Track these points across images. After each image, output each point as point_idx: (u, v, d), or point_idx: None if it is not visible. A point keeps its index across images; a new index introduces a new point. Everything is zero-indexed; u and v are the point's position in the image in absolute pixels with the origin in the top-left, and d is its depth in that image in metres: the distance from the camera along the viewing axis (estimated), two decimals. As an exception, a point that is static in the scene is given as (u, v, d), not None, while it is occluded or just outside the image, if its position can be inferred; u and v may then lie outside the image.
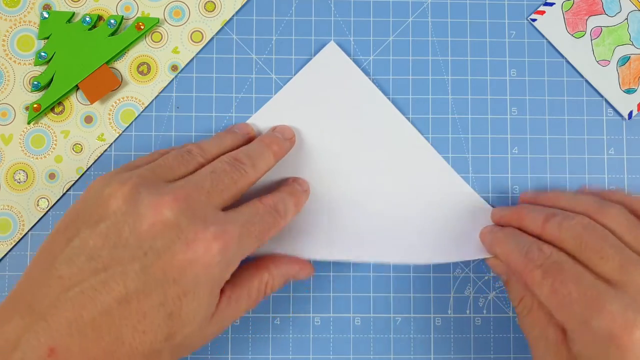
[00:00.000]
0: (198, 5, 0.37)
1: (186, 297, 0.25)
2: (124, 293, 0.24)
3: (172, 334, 0.25)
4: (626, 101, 0.37)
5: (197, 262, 0.25)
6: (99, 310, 0.23)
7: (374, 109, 0.36)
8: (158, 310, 0.24)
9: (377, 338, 0.35)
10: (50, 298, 0.23)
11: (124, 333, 0.24)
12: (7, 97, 0.36)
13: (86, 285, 0.24)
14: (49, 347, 0.22)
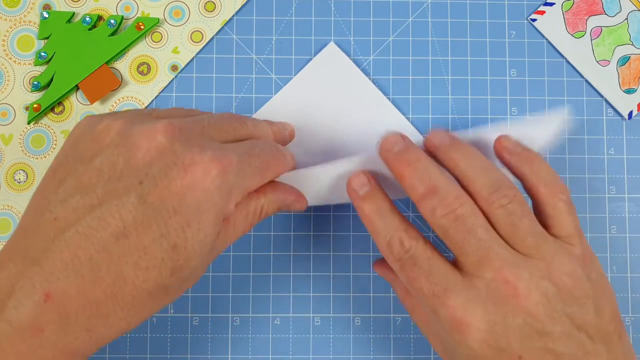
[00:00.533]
0: (198, 5, 0.37)
1: (190, 227, 0.23)
2: (121, 227, 0.22)
3: (178, 268, 0.23)
4: (626, 101, 0.37)
5: (196, 187, 0.23)
6: (95, 248, 0.22)
7: (374, 109, 0.36)
8: (160, 243, 0.23)
9: (377, 338, 0.35)
10: (44, 242, 0.22)
11: (125, 271, 0.22)
12: (7, 97, 0.36)
13: (82, 224, 0.22)
14: (45, 292, 0.21)
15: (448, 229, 0.26)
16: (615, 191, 0.36)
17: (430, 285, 0.26)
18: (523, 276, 0.25)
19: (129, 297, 0.23)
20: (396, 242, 0.27)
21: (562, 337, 0.25)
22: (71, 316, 0.22)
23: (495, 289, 0.25)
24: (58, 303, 0.21)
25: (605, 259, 0.36)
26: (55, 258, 0.22)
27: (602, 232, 0.36)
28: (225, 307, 0.35)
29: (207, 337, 0.35)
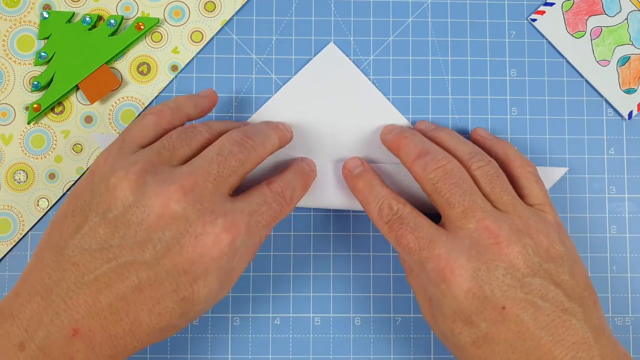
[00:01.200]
0: (198, 5, 0.37)
1: (197, 284, 0.26)
2: (136, 282, 0.25)
3: (185, 313, 0.26)
4: (626, 101, 0.37)
5: (206, 254, 0.25)
6: (114, 296, 0.25)
7: (374, 110, 0.36)
8: (171, 297, 0.25)
9: (377, 338, 0.35)
10: (67, 282, 0.25)
11: (140, 316, 0.25)
12: (7, 97, 0.36)
13: (100, 273, 0.25)
14: (73, 328, 0.24)
15: (437, 181, 0.29)
16: (615, 191, 0.36)
17: (416, 239, 0.28)
18: (504, 227, 0.27)
19: (144, 334, 0.26)
20: (385, 207, 0.30)
21: (541, 290, 0.27)
22: (96, 347, 0.25)
23: (478, 238, 0.27)
24: (85, 337, 0.24)
25: (605, 259, 0.36)
26: (79, 299, 0.24)
27: (602, 232, 0.36)
28: (225, 307, 0.35)
29: (207, 337, 0.35)
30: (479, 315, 0.26)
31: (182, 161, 0.28)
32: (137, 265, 0.25)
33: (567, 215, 0.36)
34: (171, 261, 0.25)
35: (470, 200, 0.28)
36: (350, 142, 0.36)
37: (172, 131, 0.29)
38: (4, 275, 0.35)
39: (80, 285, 0.25)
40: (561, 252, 0.28)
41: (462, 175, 0.29)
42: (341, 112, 0.36)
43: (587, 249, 0.36)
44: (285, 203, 0.29)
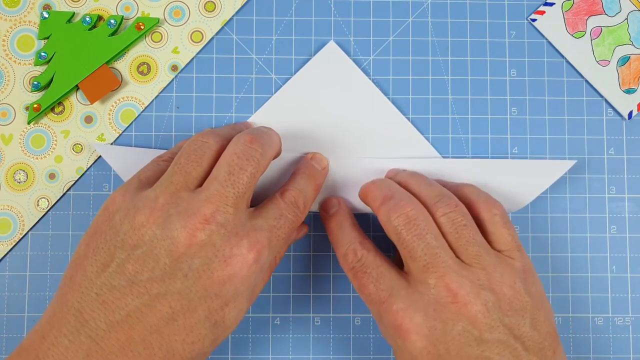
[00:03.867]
0: (198, 5, 0.37)
1: (227, 307, 0.26)
2: (170, 313, 0.25)
3: (217, 339, 0.27)
4: (626, 101, 0.37)
5: (236, 275, 0.26)
6: (148, 330, 0.25)
7: (374, 109, 0.36)
8: (204, 324, 0.26)
9: (377, 338, 0.35)
10: (96, 322, 0.25)
11: (174, 347, 0.25)
12: (7, 97, 0.36)
13: (132, 308, 0.25)
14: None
15: (401, 231, 0.28)
16: (615, 191, 0.36)
17: (377, 291, 0.28)
18: (464, 284, 0.27)
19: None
20: (350, 252, 0.30)
21: (498, 346, 0.26)
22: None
23: (437, 295, 0.27)
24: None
25: (605, 259, 0.36)
26: (111, 338, 0.24)
27: (602, 232, 0.36)
28: (225, 307, 0.35)
29: (207, 337, 0.35)
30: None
31: (197, 182, 0.28)
32: (169, 295, 0.25)
33: (567, 215, 0.36)
34: (203, 287, 0.25)
35: (432, 255, 0.28)
36: (349, 141, 0.36)
37: (179, 153, 0.29)
38: (4, 275, 0.35)
39: (112, 324, 0.25)
40: (524, 303, 0.27)
41: (427, 225, 0.28)
42: (341, 111, 0.36)
43: (587, 249, 0.36)
44: (300, 212, 0.30)
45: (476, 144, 0.36)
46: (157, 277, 0.25)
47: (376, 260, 0.29)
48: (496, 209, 0.31)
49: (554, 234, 0.36)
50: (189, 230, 0.26)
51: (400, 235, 0.28)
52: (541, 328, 0.28)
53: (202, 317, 0.26)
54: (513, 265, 0.29)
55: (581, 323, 0.36)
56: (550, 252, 0.36)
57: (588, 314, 0.36)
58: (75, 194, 0.36)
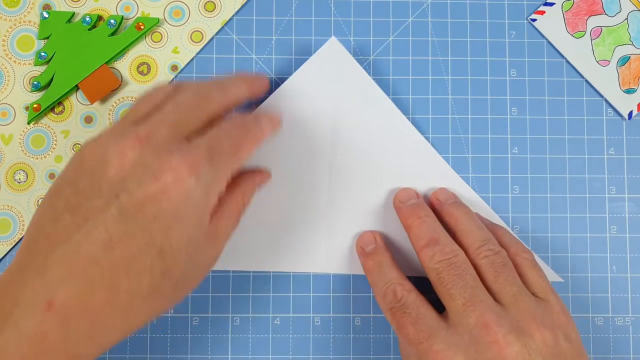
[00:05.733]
0: (198, 5, 0.37)
1: (172, 230, 0.24)
2: (107, 240, 0.24)
3: (168, 270, 0.25)
4: (626, 101, 0.37)
5: (170, 191, 0.24)
6: (87, 260, 0.23)
7: (374, 107, 0.36)
8: (146, 251, 0.24)
9: (377, 338, 0.35)
10: (41, 257, 0.24)
11: (117, 280, 0.24)
12: (7, 97, 0.36)
13: (72, 240, 0.24)
14: (47, 301, 0.23)
15: (442, 272, 0.29)
16: (615, 191, 0.36)
17: (417, 331, 0.28)
18: (503, 324, 0.27)
19: (125, 303, 0.24)
20: (390, 292, 0.30)
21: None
22: (72, 323, 0.23)
23: (477, 335, 0.27)
24: (59, 311, 0.23)
25: (605, 259, 0.36)
26: (53, 271, 0.23)
27: (602, 232, 0.36)
28: (225, 307, 0.35)
29: (207, 337, 0.35)
30: None
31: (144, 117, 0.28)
32: (106, 222, 0.24)
33: (566, 215, 0.36)
34: (137, 207, 0.24)
35: (471, 293, 0.28)
36: (349, 139, 0.36)
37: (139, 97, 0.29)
38: (4, 275, 0.35)
39: (53, 258, 0.24)
40: (565, 349, 0.27)
41: (466, 268, 0.29)
42: (342, 107, 0.36)
43: (587, 249, 0.36)
44: (249, 127, 0.29)
45: (476, 144, 0.36)
46: (95, 205, 0.24)
47: (416, 301, 0.29)
48: (525, 253, 0.32)
49: (554, 234, 0.36)
50: (120, 150, 0.25)
51: (440, 276, 0.29)
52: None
53: (141, 243, 0.24)
54: (552, 308, 0.29)
55: (581, 323, 0.36)
56: (550, 252, 0.36)
57: (588, 314, 0.36)
58: (75, 194, 0.36)
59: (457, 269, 0.29)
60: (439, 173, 0.36)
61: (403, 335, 0.29)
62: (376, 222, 0.35)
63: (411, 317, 0.29)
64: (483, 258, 0.30)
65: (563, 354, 0.27)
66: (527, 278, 0.31)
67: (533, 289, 0.30)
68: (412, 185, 0.35)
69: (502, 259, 0.30)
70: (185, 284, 0.27)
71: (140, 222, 0.24)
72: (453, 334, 0.28)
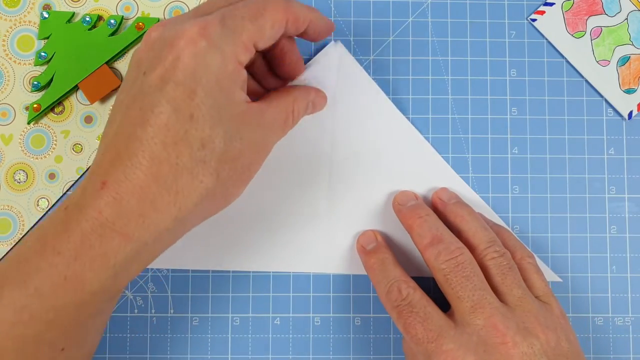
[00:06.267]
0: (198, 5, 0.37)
1: (196, 95, 0.25)
2: (140, 115, 0.25)
3: (205, 138, 0.25)
4: (626, 101, 0.37)
5: (184, 55, 0.25)
6: (128, 139, 0.25)
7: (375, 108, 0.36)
8: (177, 118, 0.24)
9: (377, 338, 0.35)
10: (101, 149, 0.26)
11: (156, 151, 0.24)
12: (7, 97, 0.36)
13: (117, 126, 0.25)
14: (101, 181, 0.25)
15: (449, 273, 0.29)
16: (615, 191, 0.36)
17: (425, 331, 0.28)
18: (511, 325, 0.28)
19: (170, 177, 0.25)
20: (395, 290, 0.30)
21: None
22: (123, 200, 0.24)
23: (485, 336, 0.28)
24: (111, 188, 0.24)
25: (605, 259, 0.36)
26: (107, 157, 0.25)
27: (602, 232, 0.36)
28: (225, 307, 0.35)
29: (207, 337, 0.35)
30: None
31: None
32: (137, 99, 0.25)
33: (566, 215, 0.36)
34: (159, 78, 0.25)
35: (479, 296, 0.28)
36: (350, 140, 0.36)
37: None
38: (4, 275, 0.35)
39: (108, 145, 0.25)
40: (566, 350, 0.28)
41: (473, 269, 0.29)
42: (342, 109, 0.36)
43: (587, 249, 0.36)
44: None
45: (476, 144, 0.36)
46: (131, 90, 0.26)
47: (422, 300, 0.30)
48: (529, 257, 0.32)
49: (553, 234, 0.36)
50: (145, 38, 0.26)
51: (447, 278, 0.29)
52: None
53: (169, 110, 0.24)
54: (552, 311, 0.30)
55: (581, 323, 0.36)
56: (550, 252, 0.36)
57: (588, 314, 0.36)
58: (75, 194, 0.36)
59: (464, 270, 0.29)
60: (439, 173, 0.36)
61: (410, 335, 0.29)
62: (376, 222, 0.35)
63: (419, 317, 0.29)
64: (490, 260, 0.30)
65: (564, 355, 0.28)
66: (531, 282, 0.31)
67: (536, 292, 0.31)
68: (413, 185, 0.35)
69: (507, 261, 0.30)
70: (235, 163, 0.26)
71: (163, 90, 0.24)
72: (462, 334, 0.28)
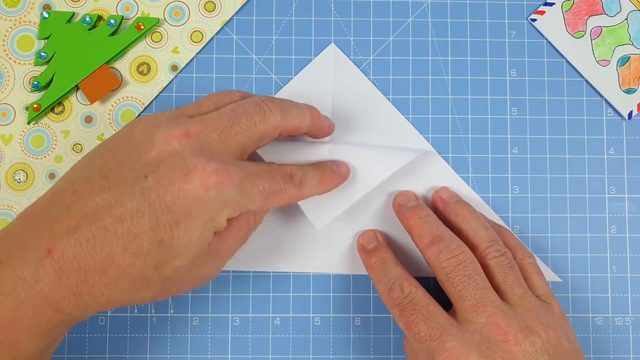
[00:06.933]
0: (198, 5, 0.37)
1: (177, 228, 0.25)
2: (119, 212, 0.25)
3: (161, 263, 0.25)
4: (626, 101, 0.37)
5: (191, 192, 0.25)
6: (96, 224, 0.25)
7: (374, 111, 0.36)
8: (149, 235, 0.25)
9: (377, 338, 0.35)
10: (60, 208, 0.25)
11: (114, 251, 0.25)
12: (7, 97, 0.36)
13: (91, 201, 0.25)
14: (47, 248, 0.24)
15: (451, 272, 0.29)
16: (615, 191, 0.36)
17: (428, 329, 0.28)
18: (513, 324, 0.28)
19: (114, 276, 0.25)
20: (397, 287, 0.30)
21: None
22: (63, 276, 0.24)
23: (488, 334, 0.28)
24: (55, 260, 0.24)
25: (605, 259, 0.36)
26: (63, 222, 0.25)
27: (602, 232, 0.36)
28: (225, 307, 0.35)
29: (207, 337, 0.35)
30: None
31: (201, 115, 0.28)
32: (125, 196, 0.25)
33: (566, 215, 0.36)
34: (157, 194, 0.25)
35: (481, 294, 0.29)
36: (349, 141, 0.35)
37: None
38: (4, 275, 0.35)
39: (70, 211, 0.25)
40: (566, 349, 0.29)
41: (475, 268, 0.29)
42: (341, 113, 0.36)
43: (587, 249, 0.36)
44: (293, 184, 0.28)
45: (476, 144, 0.36)
46: (124, 176, 0.25)
47: (424, 298, 0.30)
48: (530, 257, 0.33)
49: (553, 234, 0.36)
50: (167, 137, 0.26)
51: (449, 276, 0.29)
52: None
53: (147, 227, 0.25)
54: (553, 310, 0.30)
55: (581, 323, 0.36)
56: (550, 252, 0.36)
57: (588, 314, 0.36)
58: (75, 194, 0.36)
59: (465, 269, 0.29)
60: (439, 173, 0.36)
61: (413, 333, 0.29)
62: (376, 223, 0.35)
63: (422, 314, 0.29)
64: (492, 259, 0.31)
65: (565, 353, 0.28)
66: (532, 281, 0.31)
67: (537, 292, 0.31)
68: (413, 185, 0.35)
69: (508, 260, 0.31)
70: (174, 285, 0.27)
71: (153, 207, 0.25)
72: (464, 332, 0.28)
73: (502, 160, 0.36)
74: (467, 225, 0.32)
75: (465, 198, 0.35)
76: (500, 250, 0.31)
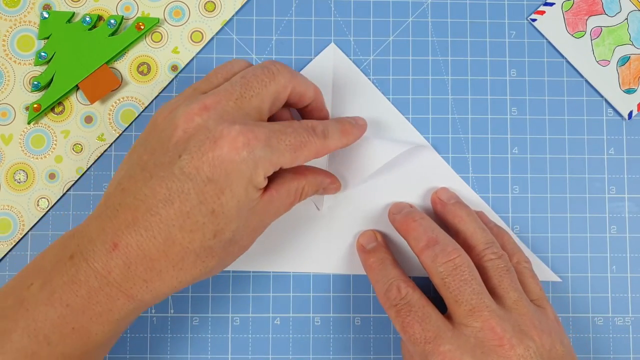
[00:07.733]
0: (198, 5, 0.37)
1: (224, 194, 0.26)
2: (167, 195, 0.26)
3: (219, 231, 0.27)
4: (626, 101, 0.37)
5: (224, 157, 0.26)
6: (149, 212, 0.26)
7: (374, 111, 0.36)
8: (200, 209, 0.26)
9: (377, 338, 0.35)
10: (114, 206, 0.27)
11: (172, 233, 0.26)
12: (7, 97, 0.36)
13: (139, 193, 0.26)
14: (113, 242, 0.26)
15: (447, 277, 0.29)
16: (615, 191, 0.36)
17: (423, 331, 0.29)
18: (507, 328, 0.28)
19: (178, 256, 0.27)
20: (394, 288, 0.30)
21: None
22: (132, 265, 0.26)
23: (482, 338, 0.28)
24: (122, 252, 0.26)
25: (605, 259, 0.36)
26: (120, 218, 0.26)
27: (602, 232, 0.36)
28: (225, 307, 0.35)
29: (207, 337, 0.35)
30: None
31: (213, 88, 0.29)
32: (167, 179, 0.26)
33: (566, 215, 0.36)
34: (195, 168, 0.26)
35: (477, 300, 0.29)
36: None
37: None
38: (4, 275, 0.35)
39: (123, 207, 0.26)
40: (560, 353, 0.29)
41: (471, 272, 0.29)
42: (341, 113, 0.36)
43: (587, 249, 0.36)
44: (317, 136, 0.29)
45: (476, 144, 0.36)
46: (161, 162, 0.27)
47: (421, 300, 0.30)
48: (526, 262, 0.33)
49: (553, 234, 0.36)
50: (188, 115, 0.27)
51: (445, 281, 0.29)
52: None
53: (196, 201, 0.26)
54: (547, 315, 0.31)
55: (581, 323, 0.36)
56: (550, 252, 0.36)
57: (588, 314, 0.36)
58: (75, 194, 0.36)
59: (462, 273, 0.29)
60: (438, 173, 0.36)
61: (408, 335, 0.29)
62: (376, 223, 0.35)
63: (417, 316, 0.29)
64: (488, 261, 0.31)
65: (559, 357, 0.29)
66: (526, 285, 0.32)
67: (531, 296, 0.31)
68: (413, 185, 0.35)
69: (505, 263, 0.31)
70: (235, 247, 0.28)
71: (196, 182, 0.26)
72: (459, 336, 0.28)
73: (502, 160, 0.36)
74: (464, 226, 0.32)
75: (465, 198, 0.35)
76: (496, 253, 0.31)
